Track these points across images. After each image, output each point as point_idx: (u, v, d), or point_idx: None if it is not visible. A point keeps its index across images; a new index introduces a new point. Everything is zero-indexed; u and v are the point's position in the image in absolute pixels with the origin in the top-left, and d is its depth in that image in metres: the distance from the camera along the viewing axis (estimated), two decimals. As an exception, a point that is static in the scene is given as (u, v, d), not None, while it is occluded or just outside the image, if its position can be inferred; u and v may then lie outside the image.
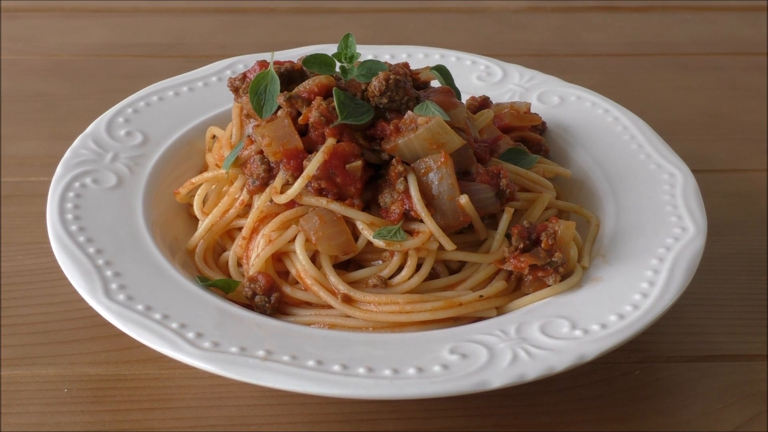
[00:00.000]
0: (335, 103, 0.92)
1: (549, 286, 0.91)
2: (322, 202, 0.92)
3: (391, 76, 0.94)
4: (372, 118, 0.93)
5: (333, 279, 0.91)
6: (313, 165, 0.91)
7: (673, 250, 0.92)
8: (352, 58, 0.97)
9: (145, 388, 0.89)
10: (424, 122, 0.92)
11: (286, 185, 0.93)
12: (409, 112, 0.93)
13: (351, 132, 0.93)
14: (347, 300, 0.91)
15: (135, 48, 1.48)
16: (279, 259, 0.95)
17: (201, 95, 1.14)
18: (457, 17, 1.58)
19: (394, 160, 0.92)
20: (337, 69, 0.97)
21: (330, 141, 0.91)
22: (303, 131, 0.93)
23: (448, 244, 0.90)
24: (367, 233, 0.92)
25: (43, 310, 0.97)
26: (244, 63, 1.18)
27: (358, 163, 0.91)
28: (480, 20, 1.58)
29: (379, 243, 0.91)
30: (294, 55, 1.06)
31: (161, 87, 1.14)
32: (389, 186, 0.92)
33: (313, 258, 0.93)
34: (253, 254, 0.94)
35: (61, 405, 0.88)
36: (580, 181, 1.06)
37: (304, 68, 0.98)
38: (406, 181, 0.91)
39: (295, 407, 0.88)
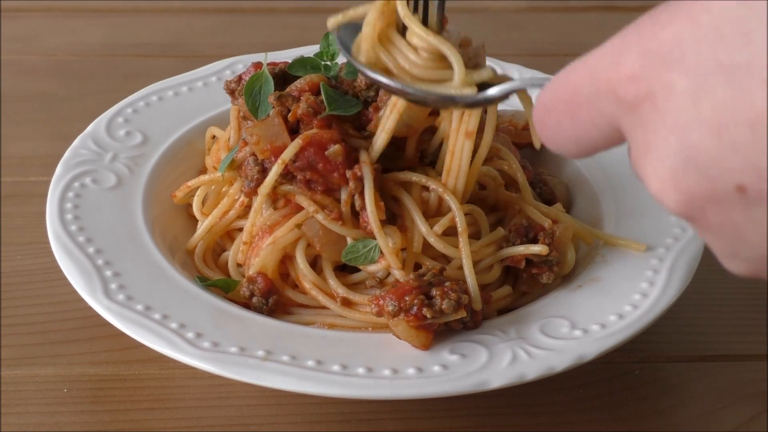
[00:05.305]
0: (323, 96, 0.92)
1: (543, 283, 0.91)
2: (310, 208, 0.91)
3: None
4: (361, 110, 0.93)
5: (332, 282, 0.91)
6: (289, 150, 0.89)
7: (673, 250, 0.92)
8: (333, 56, 0.98)
9: (144, 388, 0.89)
10: None
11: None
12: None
13: (340, 124, 0.92)
14: (346, 303, 0.91)
15: (135, 48, 1.48)
16: (282, 261, 0.94)
17: (201, 95, 1.14)
18: (456, 17, 1.58)
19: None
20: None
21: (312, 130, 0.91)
22: (295, 129, 0.93)
23: (399, 269, 0.89)
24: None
25: (43, 310, 0.97)
26: (244, 63, 1.18)
27: (337, 147, 0.89)
28: (479, 20, 1.58)
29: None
30: (291, 55, 1.06)
31: (161, 87, 1.14)
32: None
33: (315, 260, 0.93)
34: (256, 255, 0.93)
35: (61, 405, 0.88)
36: (580, 181, 1.06)
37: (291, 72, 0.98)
38: (361, 181, 0.89)
39: (295, 407, 0.88)
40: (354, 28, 0.86)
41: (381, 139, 0.90)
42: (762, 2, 0.47)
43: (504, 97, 0.80)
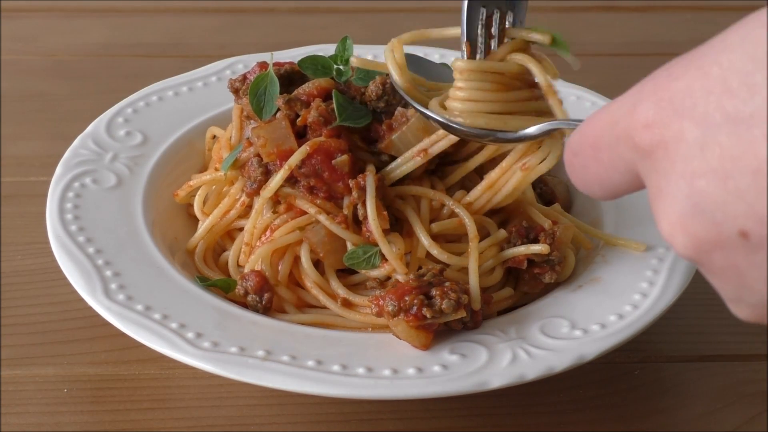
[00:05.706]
0: (334, 105, 0.91)
1: (545, 283, 0.91)
2: (312, 210, 0.91)
3: (388, 80, 0.93)
4: (370, 121, 0.93)
5: (333, 283, 0.91)
6: (295, 156, 0.90)
7: (673, 250, 0.92)
8: (347, 61, 0.97)
9: (144, 388, 0.89)
10: (413, 114, 0.91)
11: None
12: (399, 108, 0.92)
13: (349, 134, 0.92)
14: (346, 304, 0.91)
15: (135, 48, 1.48)
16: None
17: (201, 95, 1.14)
18: (456, 17, 1.58)
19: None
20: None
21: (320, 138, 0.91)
22: (301, 134, 0.93)
23: (405, 274, 0.89)
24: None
25: (43, 310, 0.97)
26: (244, 63, 1.18)
27: (345, 157, 0.90)
28: (480, 20, 1.58)
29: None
30: (295, 55, 1.06)
31: (161, 87, 1.14)
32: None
33: (318, 261, 0.93)
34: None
35: (60, 405, 0.88)
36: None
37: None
38: (363, 190, 0.90)
39: (295, 407, 0.88)
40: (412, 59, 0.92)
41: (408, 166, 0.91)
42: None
43: (542, 135, 0.84)
